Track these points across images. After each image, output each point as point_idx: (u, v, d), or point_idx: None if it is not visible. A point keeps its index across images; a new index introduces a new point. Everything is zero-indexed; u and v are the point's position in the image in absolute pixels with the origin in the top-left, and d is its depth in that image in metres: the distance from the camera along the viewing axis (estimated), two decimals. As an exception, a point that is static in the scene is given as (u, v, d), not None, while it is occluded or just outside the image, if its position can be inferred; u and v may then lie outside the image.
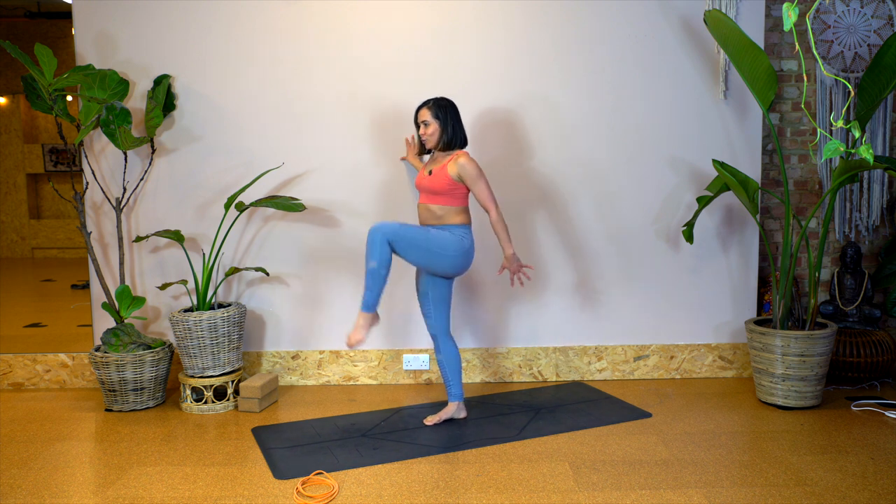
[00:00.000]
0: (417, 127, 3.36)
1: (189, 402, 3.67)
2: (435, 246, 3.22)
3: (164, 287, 3.81)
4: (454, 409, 3.44)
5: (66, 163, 9.48)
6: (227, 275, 3.89)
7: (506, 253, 3.29)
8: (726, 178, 3.56)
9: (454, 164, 3.23)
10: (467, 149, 3.72)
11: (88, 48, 3.89)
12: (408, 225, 3.22)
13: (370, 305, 3.21)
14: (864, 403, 3.59)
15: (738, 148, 3.97)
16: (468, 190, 3.28)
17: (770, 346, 3.52)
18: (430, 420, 3.41)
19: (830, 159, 4.14)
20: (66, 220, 9.52)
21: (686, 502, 2.59)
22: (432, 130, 3.30)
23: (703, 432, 3.26)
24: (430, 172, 3.29)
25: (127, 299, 3.75)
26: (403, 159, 3.88)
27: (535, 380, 4.09)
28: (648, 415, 3.50)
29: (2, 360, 4.09)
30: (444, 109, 3.30)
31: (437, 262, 3.25)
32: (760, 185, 3.88)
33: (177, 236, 3.74)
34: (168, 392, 3.96)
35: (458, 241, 3.26)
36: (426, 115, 3.30)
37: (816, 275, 3.58)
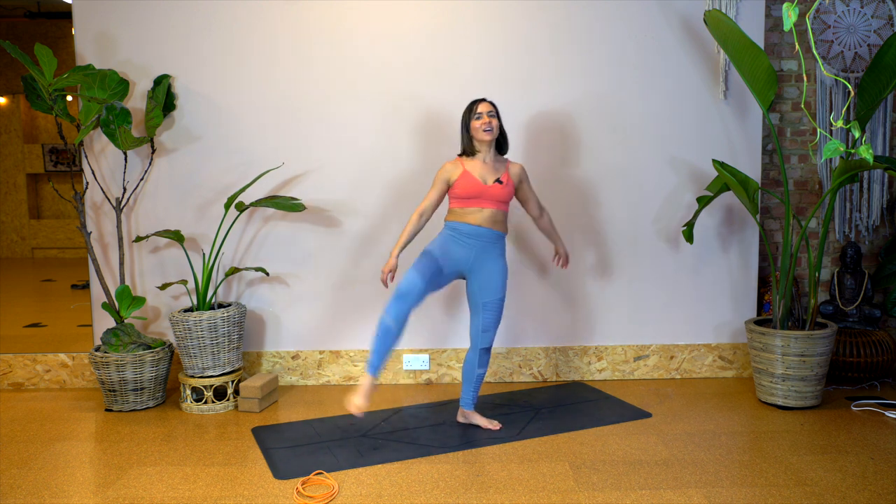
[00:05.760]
0: (476, 118, 3.22)
1: (189, 402, 3.67)
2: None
3: (164, 287, 3.81)
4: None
5: (66, 163, 9.47)
6: (227, 275, 3.89)
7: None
8: (726, 178, 3.56)
9: (516, 168, 3.34)
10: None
11: (88, 48, 3.89)
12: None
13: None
14: (864, 403, 3.59)
15: (738, 148, 3.97)
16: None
17: (770, 346, 3.52)
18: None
19: (830, 159, 4.14)
20: (66, 220, 9.51)
21: (686, 502, 2.59)
22: (497, 124, 3.26)
23: (703, 432, 3.26)
24: (500, 181, 3.24)
25: (127, 299, 3.75)
26: None
27: (534, 380, 4.09)
28: (648, 415, 3.50)
29: (2, 360, 4.09)
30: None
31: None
32: (760, 185, 3.88)
33: (177, 236, 3.74)
34: (168, 392, 3.96)
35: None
36: (491, 107, 3.25)
37: (816, 275, 3.58)
